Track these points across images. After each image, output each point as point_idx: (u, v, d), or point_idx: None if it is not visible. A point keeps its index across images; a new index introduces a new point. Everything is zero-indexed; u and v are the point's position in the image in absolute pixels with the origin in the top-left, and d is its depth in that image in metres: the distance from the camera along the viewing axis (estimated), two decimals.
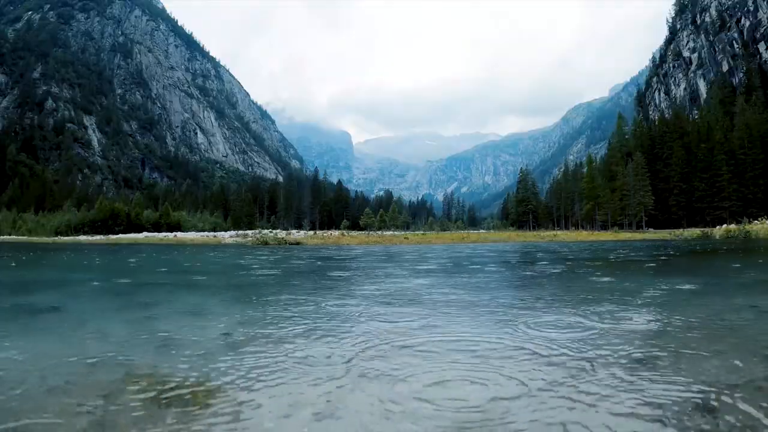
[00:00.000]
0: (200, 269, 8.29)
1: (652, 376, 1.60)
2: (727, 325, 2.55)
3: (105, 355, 1.99)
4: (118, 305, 3.83)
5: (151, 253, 14.54)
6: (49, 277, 6.83)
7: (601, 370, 1.69)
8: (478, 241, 26.74)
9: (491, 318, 2.86)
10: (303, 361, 1.87)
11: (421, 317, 2.88)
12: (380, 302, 3.58)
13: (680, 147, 55.90)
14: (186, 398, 1.44)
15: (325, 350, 2.05)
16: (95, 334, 2.48)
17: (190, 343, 2.24)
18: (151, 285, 5.59)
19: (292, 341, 2.24)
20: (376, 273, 6.67)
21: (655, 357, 1.87)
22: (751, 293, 4.04)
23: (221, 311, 3.26)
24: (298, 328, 2.58)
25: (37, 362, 1.91)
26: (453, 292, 4.32)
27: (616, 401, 1.38)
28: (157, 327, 2.65)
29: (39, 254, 14.26)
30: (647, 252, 12.03)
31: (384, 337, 2.30)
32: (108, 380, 1.62)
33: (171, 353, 2.04)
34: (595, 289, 4.34)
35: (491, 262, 9.37)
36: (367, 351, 2.03)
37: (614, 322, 2.60)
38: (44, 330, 2.66)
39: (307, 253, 13.50)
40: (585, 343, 2.11)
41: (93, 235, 43.26)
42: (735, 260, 8.80)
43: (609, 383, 1.54)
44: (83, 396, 1.47)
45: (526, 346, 2.08)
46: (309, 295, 4.16)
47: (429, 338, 2.28)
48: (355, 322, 2.77)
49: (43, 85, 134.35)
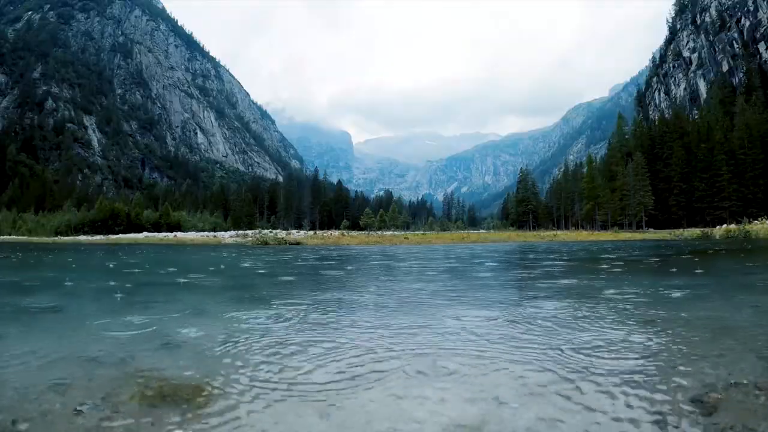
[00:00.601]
0: (200, 269, 8.29)
1: (652, 376, 1.60)
2: (728, 324, 2.54)
3: (105, 355, 1.99)
4: (117, 305, 3.82)
5: (151, 253, 14.54)
6: (49, 277, 6.83)
7: (601, 368, 1.68)
8: (478, 241, 26.75)
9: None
10: (303, 361, 1.87)
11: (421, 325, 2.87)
12: (380, 300, 3.57)
13: (680, 147, 55.91)
14: (186, 398, 1.44)
15: (326, 350, 2.05)
16: (95, 334, 2.48)
17: (190, 343, 2.24)
18: (151, 285, 5.59)
19: (292, 341, 2.24)
20: (374, 272, 6.67)
21: (654, 356, 1.87)
22: (752, 293, 4.04)
23: (221, 311, 3.26)
24: (298, 328, 2.58)
25: (37, 362, 1.91)
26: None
27: (617, 400, 1.38)
28: (156, 327, 2.65)
29: (39, 254, 14.26)
30: (649, 252, 12.03)
31: (382, 335, 2.30)
32: (108, 380, 1.62)
33: (171, 353, 2.04)
34: (590, 289, 4.33)
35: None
36: (366, 351, 2.03)
37: (612, 321, 2.60)
38: (44, 330, 2.66)
39: (307, 253, 13.50)
40: (585, 343, 2.11)
41: (93, 235, 43.25)
42: (735, 260, 8.80)
43: (609, 382, 1.54)
44: (83, 396, 1.47)
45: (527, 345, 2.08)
46: (309, 294, 4.16)
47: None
48: (355, 322, 2.78)
49: (43, 85, 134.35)
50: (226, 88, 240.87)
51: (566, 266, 7.78)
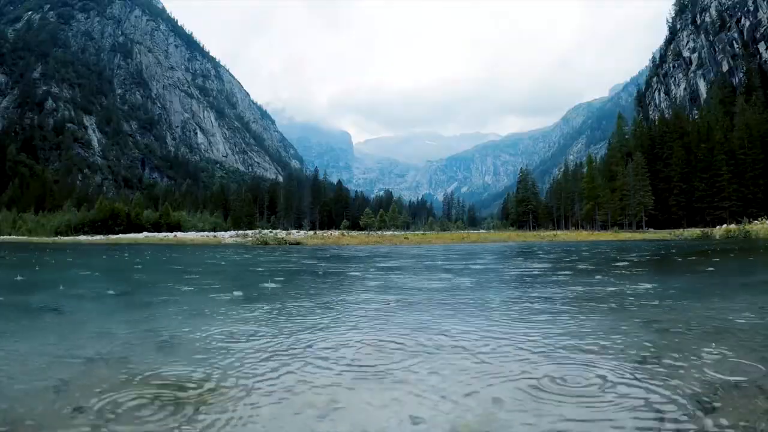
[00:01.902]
0: (200, 269, 8.28)
1: (652, 376, 1.60)
2: (728, 324, 2.54)
3: (105, 355, 1.99)
4: (117, 305, 3.83)
5: (151, 253, 14.54)
6: (50, 277, 6.83)
7: (601, 368, 1.69)
8: (478, 241, 26.74)
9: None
10: (304, 362, 1.87)
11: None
12: (375, 296, 3.59)
13: (680, 147, 55.87)
14: (186, 398, 1.44)
15: (326, 350, 2.05)
16: (95, 334, 2.48)
17: (190, 343, 2.24)
18: (151, 285, 5.59)
19: (292, 341, 2.24)
20: (370, 270, 6.67)
21: (655, 356, 1.87)
22: (753, 292, 4.04)
23: (221, 311, 3.26)
24: (298, 328, 2.58)
25: (37, 362, 1.91)
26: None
27: (616, 400, 1.38)
28: (156, 327, 2.65)
29: (39, 254, 14.26)
30: (649, 252, 12.02)
31: (377, 337, 2.30)
32: (108, 380, 1.63)
33: (171, 353, 2.04)
34: (590, 292, 4.33)
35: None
36: (368, 350, 2.03)
37: (613, 321, 2.60)
38: (44, 330, 2.65)
39: (307, 253, 13.50)
40: (584, 343, 2.11)
41: (93, 235, 43.25)
42: (736, 260, 8.80)
43: (609, 381, 1.54)
44: (83, 396, 1.47)
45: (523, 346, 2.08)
46: (309, 294, 4.16)
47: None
48: (355, 322, 2.78)
49: (43, 85, 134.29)
50: (226, 88, 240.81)
51: (566, 266, 7.78)
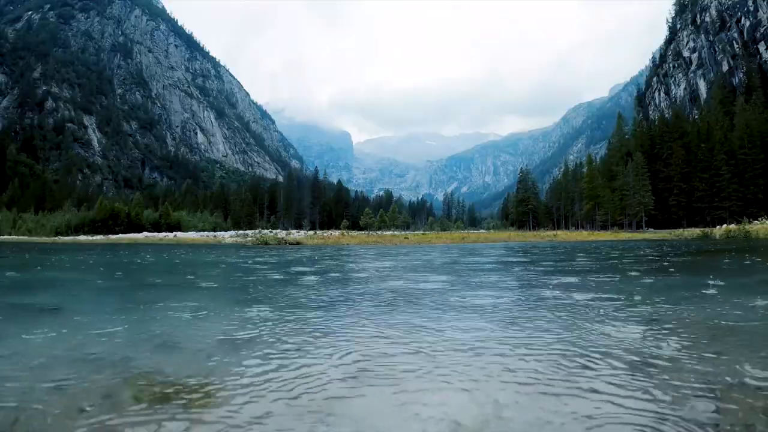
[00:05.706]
0: (200, 269, 8.28)
1: (652, 375, 1.61)
2: (728, 324, 2.54)
3: (105, 355, 1.99)
4: (118, 305, 3.82)
5: (151, 253, 14.53)
6: (50, 277, 6.82)
7: (601, 368, 1.69)
8: (478, 240, 26.74)
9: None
10: (304, 361, 1.87)
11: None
12: (376, 298, 3.58)
13: (680, 147, 55.86)
14: (186, 398, 1.44)
15: (326, 350, 2.05)
16: (95, 334, 2.48)
17: (190, 343, 2.24)
18: (151, 285, 5.59)
19: (292, 341, 2.24)
20: (367, 270, 6.66)
21: (654, 356, 1.87)
22: (754, 292, 4.04)
23: (221, 311, 3.26)
24: (298, 328, 2.58)
25: (38, 362, 1.90)
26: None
27: (617, 399, 1.38)
28: (157, 327, 2.65)
29: (39, 254, 14.25)
30: (650, 251, 12.03)
31: (377, 337, 2.30)
32: (108, 380, 1.62)
33: (171, 353, 2.04)
34: (590, 292, 4.33)
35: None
36: (367, 351, 2.03)
37: (613, 321, 2.60)
38: (44, 330, 2.65)
39: (307, 253, 13.50)
40: (583, 345, 2.11)
41: (93, 235, 43.26)
42: (736, 260, 8.80)
43: (609, 381, 1.54)
44: (83, 396, 1.46)
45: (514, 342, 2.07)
46: (309, 294, 4.16)
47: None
48: (355, 322, 2.77)
49: (43, 85, 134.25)
50: (226, 88, 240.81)
51: (567, 265, 7.78)
